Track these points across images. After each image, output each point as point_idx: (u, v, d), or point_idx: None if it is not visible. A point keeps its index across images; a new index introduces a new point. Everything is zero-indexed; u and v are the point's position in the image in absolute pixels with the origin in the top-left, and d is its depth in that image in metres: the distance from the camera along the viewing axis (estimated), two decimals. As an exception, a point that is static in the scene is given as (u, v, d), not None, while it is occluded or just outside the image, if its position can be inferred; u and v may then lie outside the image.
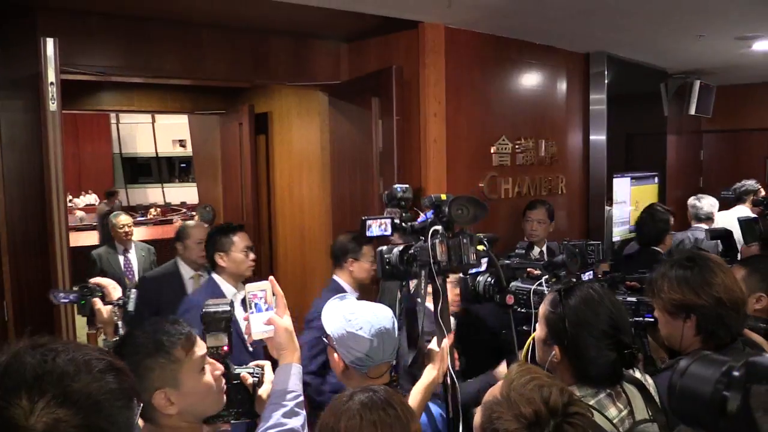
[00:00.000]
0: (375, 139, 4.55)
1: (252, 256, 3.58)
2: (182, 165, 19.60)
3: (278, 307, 1.79)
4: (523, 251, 2.48)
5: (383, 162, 4.51)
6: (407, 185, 2.17)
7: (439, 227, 2.00)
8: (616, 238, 5.89)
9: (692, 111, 6.91)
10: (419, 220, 2.09)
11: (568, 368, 1.74)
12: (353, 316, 1.96)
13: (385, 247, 2.13)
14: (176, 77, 4.86)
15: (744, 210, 5.60)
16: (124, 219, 6.13)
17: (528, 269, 2.33)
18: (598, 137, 5.80)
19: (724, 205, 5.92)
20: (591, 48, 5.61)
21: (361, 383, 1.78)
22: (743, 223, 3.25)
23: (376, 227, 2.06)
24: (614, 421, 1.66)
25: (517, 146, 5.00)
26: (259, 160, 6.26)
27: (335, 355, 1.97)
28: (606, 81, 5.74)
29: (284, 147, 6.03)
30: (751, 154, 8.07)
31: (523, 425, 1.22)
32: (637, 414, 1.72)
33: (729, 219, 4.95)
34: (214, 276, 3.54)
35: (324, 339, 2.03)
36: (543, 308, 1.84)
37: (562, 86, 5.52)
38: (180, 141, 18.29)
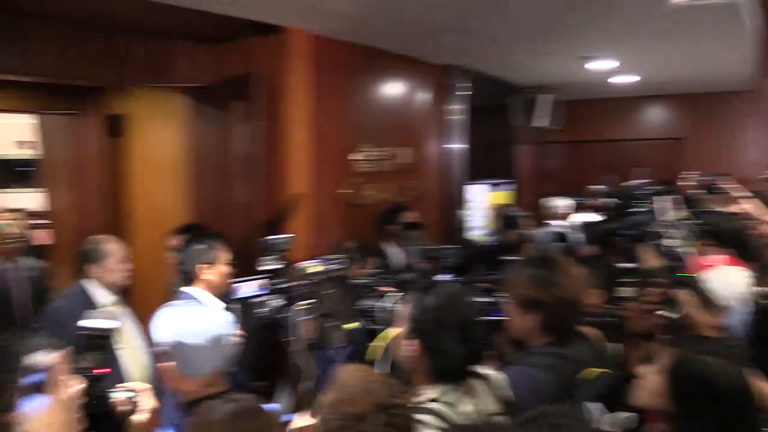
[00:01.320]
0: (239, 145, 4.47)
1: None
2: (22, 168, 17.95)
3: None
4: (381, 270, 2.51)
5: (248, 169, 4.45)
6: (286, 237, 2.15)
7: (304, 304, 2.01)
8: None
9: (541, 123, 7.42)
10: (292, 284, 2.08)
11: (425, 364, 1.82)
12: (185, 323, 1.92)
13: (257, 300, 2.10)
14: (11, 73, 4.44)
15: (588, 215, 6.09)
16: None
17: (377, 287, 2.36)
18: (456, 146, 6.08)
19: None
20: (449, 61, 5.87)
21: (196, 392, 1.76)
22: (585, 226, 3.53)
23: (247, 289, 2.04)
24: (469, 416, 1.75)
25: (380, 153, 5.12)
26: (115, 165, 5.93)
27: (169, 363, 1.92)
28: (463, 93, 6.03)
29: (142, 152, 5.76)
30: (593, 164, 8.80)
31: (353, 421, 1.28)
32: (487, 407, 1.83)
33: (575, 222, 5.38)
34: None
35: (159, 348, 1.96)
36: (406, 307, 1.91)
37: (423, 97, 5.74)
38: (22, 142, 16.85)
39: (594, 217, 5.71)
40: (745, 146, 8.14)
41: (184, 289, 3.07)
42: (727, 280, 2.87)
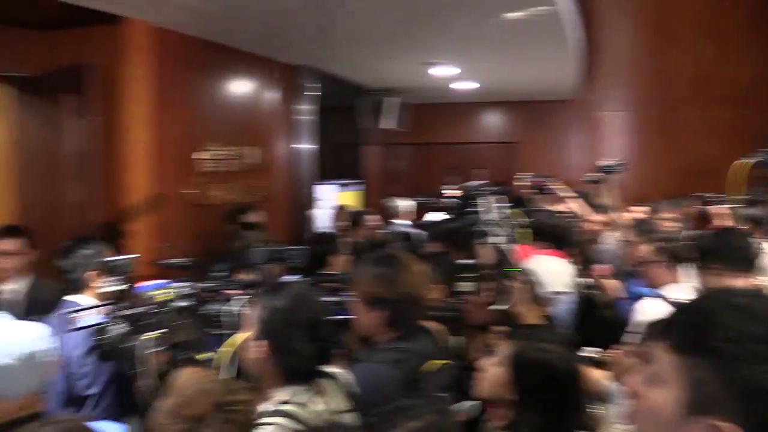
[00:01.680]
0: (71, 141, 4.16)
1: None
2: None
3: None
4: (227, 273, 2.44)
5: (81, 167, 4.15)
6: (128, 257, 2.01)
7: (153, 334, 1.90)
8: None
9: (387, 125, 7.63)
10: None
11: (275, 366, 1.80)
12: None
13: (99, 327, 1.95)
14: None
15: (434, 215, 6.32)
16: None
17: (224, 290, 2.30)
18: (305, 146, 6.08)
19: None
20: (298, 61, 5.86)
21: (9, 414, 1.62)
22: (428, 225, 3.67)
23: (91, 317, 1.89)
24: (321, 416, 1.76)
25: (227, 153, 5.00)
26: None
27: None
28: (312, 93, 6.04)
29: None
30: (437, 165, 9.20)
31: (192, 424, 1.27)
32: (337, 406, 1.85)
33: (421, 220, 5.59)
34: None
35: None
36: (254, 310, 1.88)
37: (272, 96, 5.68)
38: None
39: (440, 216, 5.98)
40: (571, 150, 8.91)
41: (69, 298, 2.80)
42: (553, 272, 3.12)
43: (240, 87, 5.27)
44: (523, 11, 4.02)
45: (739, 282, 2.40)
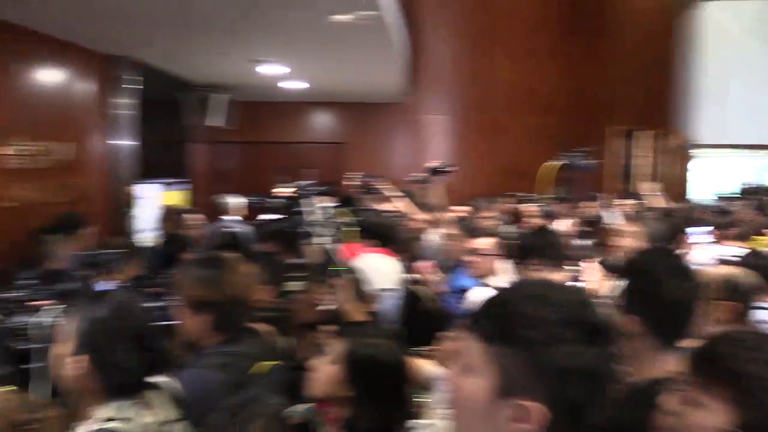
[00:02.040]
0: None
1: None
2: None
3: None
4: (36, 281, 2.22)
5: None
6: None
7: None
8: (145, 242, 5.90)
9: (214, 122, 7.41)
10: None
11: (97, 381, 1.69)
12: None
13: None
14: None
15: (265, 214, 6.25)
16: None
17: (30, 301, 2.10)
18: (125, 142, 5.73)
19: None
20: (116, 51, 5.49)
21: None
22: (257, 224, 3.62)
23: None
24: (149, 428, 1.68)
25: (34, 148, 4.56)
26: None
27: None
28: (133, 86, 5.70)
29: None
30: (267, 165, 9.10)
31: None
32: (167, 416, 1.77)
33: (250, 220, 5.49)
34: None
35: None
36: (70, 321, 1.74)
37: (86, 87, 5.28)
38: None
39: (270, 216, 5.93)
40: (397, 151, 9.26)
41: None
42: (379, 270, 3.23)
43: (49, 77, 4.84)
44: (349, 14, 4.10)
45: (555, 276, 2.64)
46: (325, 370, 1.84)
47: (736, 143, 13.38)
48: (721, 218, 4.91)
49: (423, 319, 3.35)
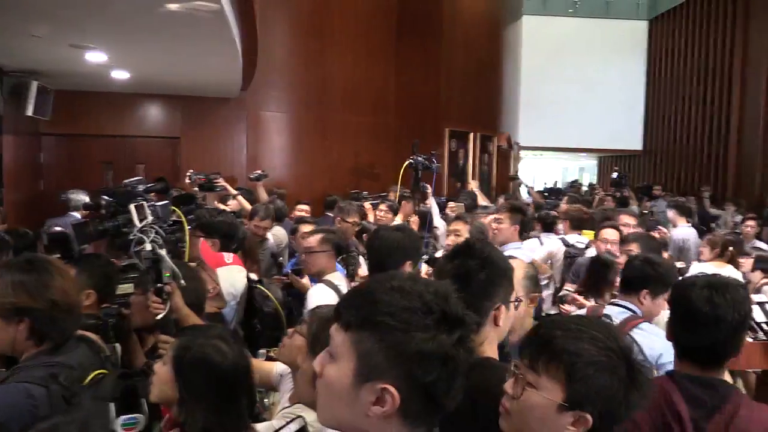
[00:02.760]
0: None
1: None
2: None
3: None
4: None
5: None
6: None
7: None
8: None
9: (29, 112, 6.72)
10: None
11: None
12: None
13: None
14: None
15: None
16: None
17: None
18: None
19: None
20: None
21: None
22: (77, 226, 3.33)
23: None
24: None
25: None
26: None
27: None
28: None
29: None
30: (91, 160, 8.45)
31: None
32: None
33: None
34: None
35: None
36: None
37: None
38: None
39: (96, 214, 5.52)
40: (233, 148, 9.02)
41: None
42: (222, 271, 3.14)
43: None
44: (184, 4, 3.93)
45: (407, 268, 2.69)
46: (159, 373, 1.79)
47: (555, 146, 14.70)
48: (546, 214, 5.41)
49: (268, 318, 3.31)
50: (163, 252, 2.19)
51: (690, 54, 12.96)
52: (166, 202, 2.45)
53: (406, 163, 5.26)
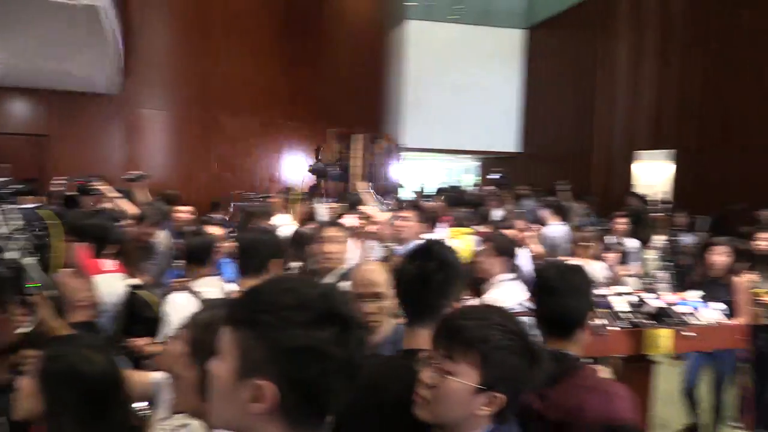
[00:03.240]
0: None
1: None
2: None
3: None
4: None
5: None
6: None
7: None
8: None
9: None
10: None
11: None
12: None
13: None
14: None
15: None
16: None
17: None
18: None
19: None
20: None
21: None
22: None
23: None
24: None
25: None
26: None
27: None
28: None
29: None
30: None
31: None
32: None
33: None
34: None
35: None
36: None
37: None
38: None
39: None
40: (111, 148, 8.57)
41: None
42: (100, 283, 2.98)
43: None
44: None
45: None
46: (24, 388, 1.71)
47: (439, 148, 15.11)
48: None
49: (144, 324, 3.18)
50: (30, 260, 2.05)
51: (562, 62, 13.77)
52: (38, 204, 2.29)
53: (308, 167, 5.27)
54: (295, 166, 9.80)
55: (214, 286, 3.08)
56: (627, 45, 11.65)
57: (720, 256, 4.22)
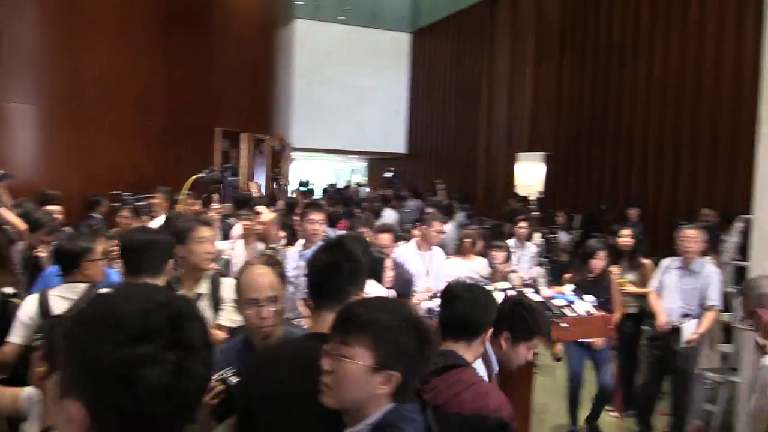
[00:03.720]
0: None
1: None
2: None
3: None
4: None
5: None
6: None
7: None
8: None
9: None
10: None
11: None
12: None
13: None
14: None
15: None
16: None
17: None
18: None
19: None
20: None
21: None
22: None
23: None
24: None
25: None
26: None
27: None
28: None
29: None
30: None
31: None
32: None
33: None
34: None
35: None
36: None
37: None
38: None
39: None
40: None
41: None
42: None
43: None
44: None
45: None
46: None
47: (328, 148, 15.11)
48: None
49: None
50: None
51: (446, 66, 14.19)
52: None
53: (194, 177, 5.15)
54: (178, 165, 9.44)
55: (73, 292, 2.82)
56: (507, 51, 12.19)
57: (600, 261, 4.51)
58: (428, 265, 4.50)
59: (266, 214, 4.73)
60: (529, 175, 11.33)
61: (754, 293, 2.66)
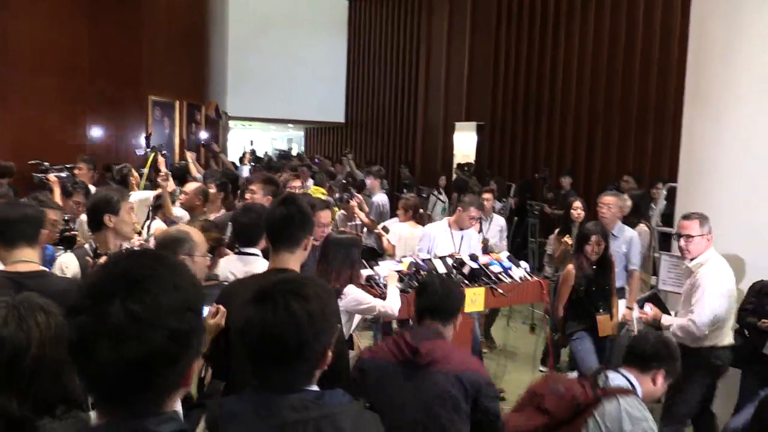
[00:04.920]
0: None
1: None
2: None
3: None
4: None
5: None
6: None
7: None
8: None
9: None
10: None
11: None
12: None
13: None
14: None
15: None
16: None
17: None
18: None
19: None
20: None
21: None
22: None
23: None
24: None
25: None
26: None
27: None
28: None
29: None
30: None
31: None
32: None
33: None
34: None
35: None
36: None
37: None
38: None
39: None
40: None
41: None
42: None
43: None
44: None
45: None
46: None
47: (264, 117, 14.76)
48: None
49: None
50: None
51: (384, 35, 14.04)
52: None
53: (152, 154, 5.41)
54: (108, 134, 9.09)
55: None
56: (444, 20, 12.14)
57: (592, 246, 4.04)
58: (458, 245, 4.54)
59: (191, 184, 4.68)
60: (466, 144, 11.42)
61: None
